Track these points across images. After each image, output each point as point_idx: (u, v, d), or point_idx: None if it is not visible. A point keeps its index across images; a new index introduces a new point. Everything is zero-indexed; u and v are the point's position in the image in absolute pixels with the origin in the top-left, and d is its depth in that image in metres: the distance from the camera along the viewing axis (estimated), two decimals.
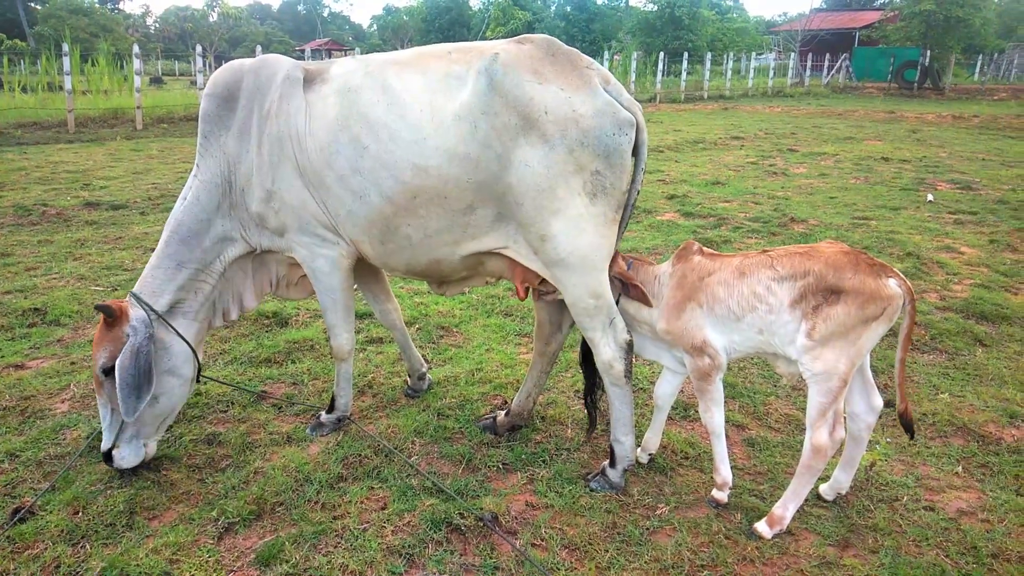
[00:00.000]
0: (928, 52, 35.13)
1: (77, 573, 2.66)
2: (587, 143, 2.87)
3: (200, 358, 3.49)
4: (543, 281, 3.24)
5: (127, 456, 3.23)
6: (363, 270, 3.76)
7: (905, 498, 3.17)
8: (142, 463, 3.28)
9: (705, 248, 3.12)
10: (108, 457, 3.21)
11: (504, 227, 3.09)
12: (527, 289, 3.31)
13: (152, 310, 3.29)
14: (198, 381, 3.53)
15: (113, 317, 3.20)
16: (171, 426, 3.69)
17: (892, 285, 2.70)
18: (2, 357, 4.51)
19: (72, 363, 4.45)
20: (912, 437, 3.08)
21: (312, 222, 3.32)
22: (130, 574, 2.66)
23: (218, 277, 3.51)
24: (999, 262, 6.72)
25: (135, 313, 3.25)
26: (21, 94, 19.48)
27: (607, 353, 3.12)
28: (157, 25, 69.74)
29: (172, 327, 3.34)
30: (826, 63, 40.24)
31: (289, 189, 3.28)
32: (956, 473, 3.39)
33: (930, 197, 9.70)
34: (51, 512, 3.00)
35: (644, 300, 3.12)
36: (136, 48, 18.07)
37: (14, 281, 5.90)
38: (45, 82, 21.02)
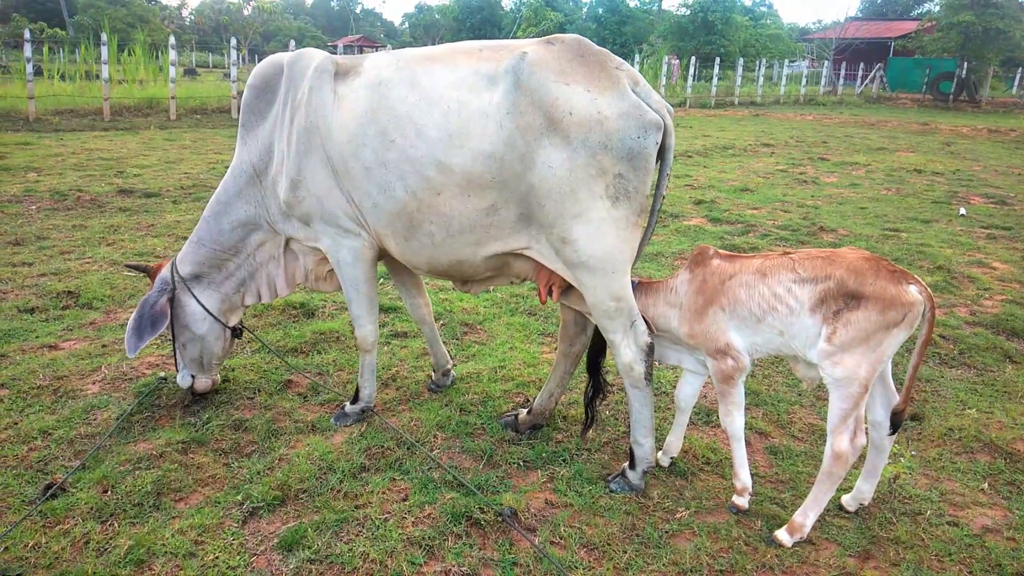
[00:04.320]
0: (965, 64, 34.57)
1: (105, 550, 2.73)
2: (610, 146, 2.86)
3: (232, 323, 3.88)
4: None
5: (179, 379, 3.85)
6: (397, 264, 3.80)
7: (928, 512, 3.14)
8: (206, 394, 3.94)
9: (721, 251, 3.12)
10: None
11: (527, 228, 3.09)
12: (550, 293, 3.33)
13: (177, 273, 3.75)
14: (239, 337, 3.99)
15: (148, 274, 3.94)
16: (199, 411, 3.79)
17: (913, 291, 2.69)
18: (36, 337, 4.61)
19: (103, 345, 4.54)
20: (893, 432, 2.97)
21: (337, 212, 3.37)
22: (156, 553, 2.72)
23: (244, 258, 3.76)
24: None
25: (162, 273, 3.80)
26: (60, 82, 19.85)
27: (628, 355, 3.13)
28: (192, 17, 70.68)
29: (190, 291, 3.75)
30: (860, 72, 39.75)
31: (315, 179, 3.34)
32: (982, 490, 3.35)
33: (963, 211, 9.56)
34: (81, 490, 3.07)
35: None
36: (172, 39, 18.35)
37: (49, 264, 6.03)
38: (83, 71, 21.43)
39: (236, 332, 3.93)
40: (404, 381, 4.27)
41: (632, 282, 3.16)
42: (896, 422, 2.94)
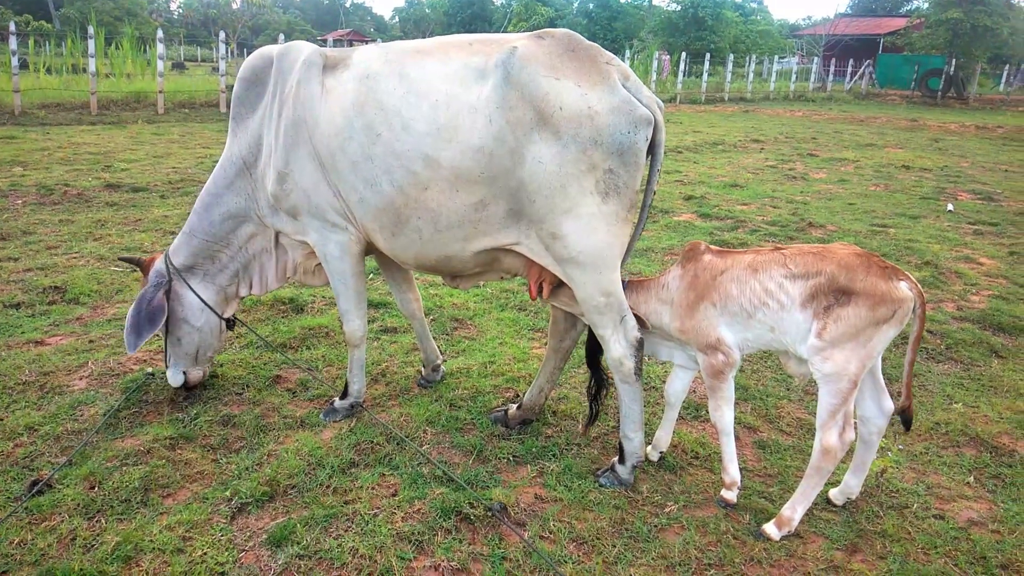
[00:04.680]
0: (953, 61, 34.76)
1: (92, 546, 2.71)
2: (600, 141, 2.85)
3: (227, 315, 3.87)
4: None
5: (170, 378, 3.76)
6: (387, 259, 3.78)
7: (915, 506, 3.17)
8: (196, 387, 3.89)
9: (713, 246, 3.13)
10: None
11: (516, 223, 3.07)
12: (540, 289, 3.32)
13: (172, 265, 3.72)
14: (231, 328, 3.96)
15: (141, 267, 3.83)
16: (187, 407, 3.76)
17: (903, 288, 2.70)
18: (22, 333, 4.58)
19: (90, 341, 4.51)
20: (908, 430, 3.08)
21: (324, 206, 3.36)
22: (144, 549, 2.70)
23: (236, 250, 3.75)
24: (1019, 274, 6.66)
25: (156, 266, 3.76)
26: (46, 75, 19.63)
27: (617, 350, 3.13)
28: (180, 11, 70.14)
29: (186, 283, 3.72)
30: (849, 69, 39.91)
31: (302, 172, 3.33)
32: (967, 483, 3.38)
33: (950, 207, 9.62)
34: (68, 486, 3.05)
35: (642, 324, 3.17)
36: (160, 33, 18.19)
37: (35, 259, 5.98)
38: (70, 64, 21.22)
39: (230, 324, 3.93)
40: (394, 376, 4.26)
41: (623, 281, 3.16)
42: (906, 420, 2.99)
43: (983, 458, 3.59)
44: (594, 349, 3.41)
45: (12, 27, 15.98)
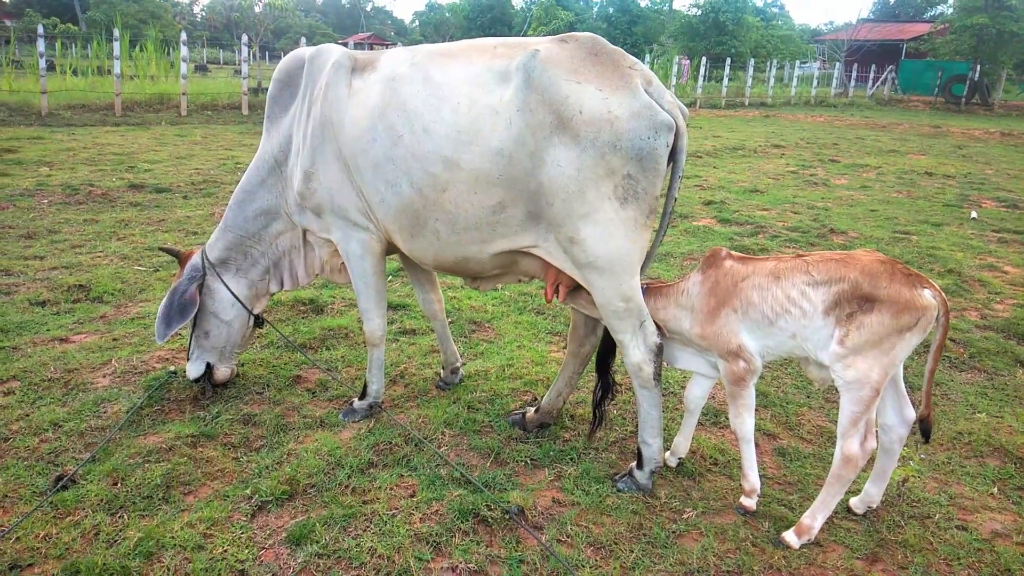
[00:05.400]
0: (978, 67, 34.34)
1: (115, 541, 2.74)
2: (620, 146, 2.83)
3: (256, 311, 3.94)
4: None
5: (191, 370, 3.82)
6: (410, 259, 3.80)
7: (937, 516, 3.13)
8: (222, 384, 3.95)
9: (734, 252, 3.11)
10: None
11: (535, 226, 3.07)
12: (556, 291, 3.32)
13: (207, 260, 3.81)
14: (260, 326, 4.04)
15: (179, 259, 3.94)
16: (208, 405, 3.80)
17: (927, 296, 2.67)
18: (48, 330, 4.65)
19: (114, 339, 4.57)
20: (927, 441, 3.03)
21: (347, 206, 3.40)
22: (165, 546, 2.73)
23: (267, 246, 3.83)
24: None
25: (192, 260, 3.84)
26: (72, 77, 19.93)
27: (637, 355, 3.12)
28: (204, 14, 70.86)
29: (220, 277, 3.81)
30: (871, 74, 39.55)
31: (327, 172, 3.38)
32: (991, 494, 3.33)
33: (974, 214, 9.50)
34: (91, 482, 3.09)
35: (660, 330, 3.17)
36: (183, 35, 18.39)
37: (60, 257, 6.07)
38: (95, 66, 21.53)
39: (258, 322, 3.99)
40: (412, 378, 4.28)
41: (643, 286, 3.15)
42: (925, 430, 2.94)
43: (1007, 469, 3.54)
44: (605, 355, 3.40)
45: (40, 30, 16.26)
